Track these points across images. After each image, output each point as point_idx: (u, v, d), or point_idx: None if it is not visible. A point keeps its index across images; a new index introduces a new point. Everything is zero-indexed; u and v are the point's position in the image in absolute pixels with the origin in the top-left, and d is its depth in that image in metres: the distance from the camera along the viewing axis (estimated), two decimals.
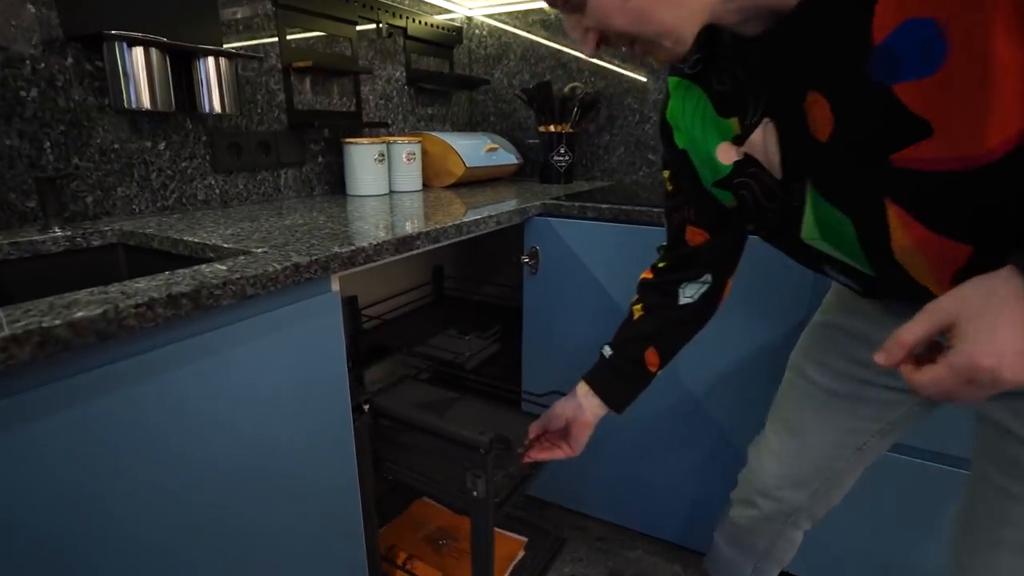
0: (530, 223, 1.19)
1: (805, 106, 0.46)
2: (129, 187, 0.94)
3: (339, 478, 0.76)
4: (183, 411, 0.54)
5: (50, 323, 0.42)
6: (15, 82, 0.78)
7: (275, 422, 0.64)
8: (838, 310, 0.72)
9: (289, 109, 1.19)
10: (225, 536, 0.61)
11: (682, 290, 0.72)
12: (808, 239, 0.55)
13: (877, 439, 0.72)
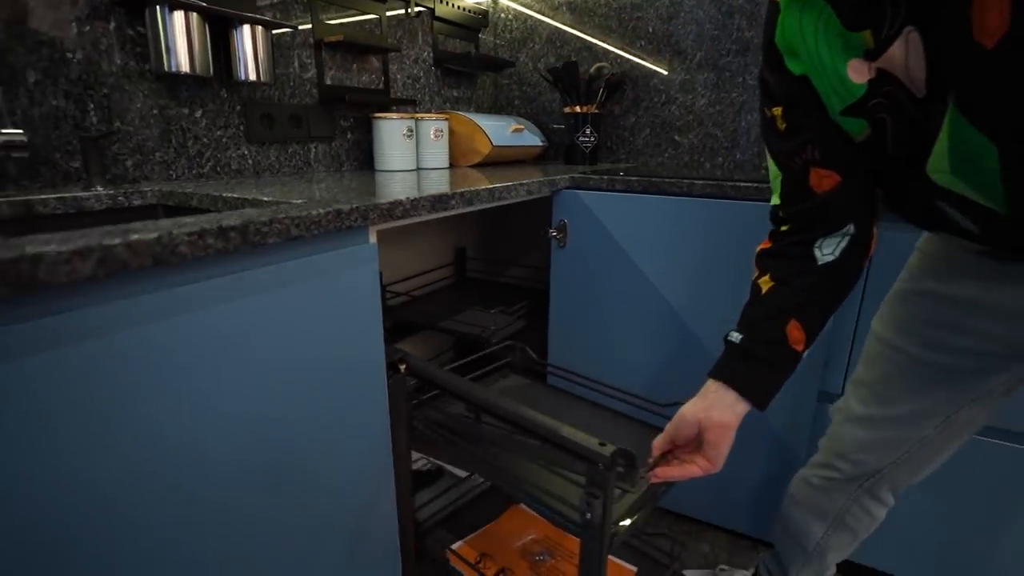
0: (559, 196, 1.19)
1: (969, 9, 0.41)
2: (167, 153, 0.96)
3: (370, 428, 0.76)
4: (225, 343, 0.55)
5: (111, 241, 0.42)
6: (58, 44, 0.80)
7: (311, 364, 0.65)
8: (929, 276, 0.67)
9: (320, 84, 1.21)
10: (253, 471, 0.62)
11: (819, 249, 0.62)
12: (934, 171, 0.50)
13: (968, 409, 0.68)
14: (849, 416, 0.78)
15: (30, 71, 0.78)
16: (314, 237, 0.62)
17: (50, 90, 0.80)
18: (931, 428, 0.70)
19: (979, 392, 0.66)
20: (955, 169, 0.48)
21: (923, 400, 0.69)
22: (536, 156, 1.71)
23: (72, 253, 0.40)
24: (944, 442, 0.72)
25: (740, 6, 1.42)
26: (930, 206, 0.55)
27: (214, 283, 0.52)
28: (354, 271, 0.68)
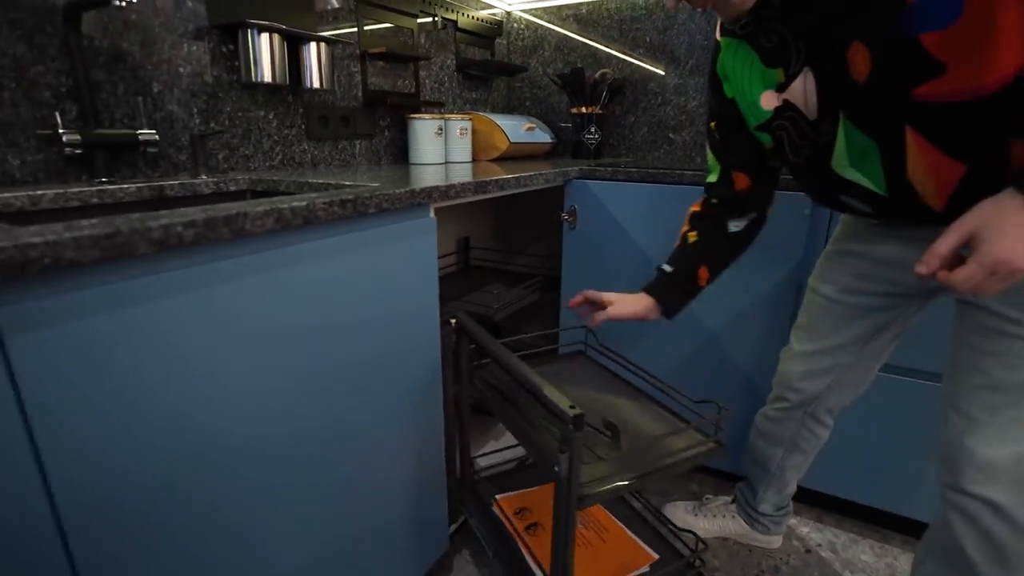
0: (570, 185, 1.39)
1: (846, 55, 0.63)
2: (248, 148, 1.16)
3: (426, 365, 0.96)
4: (342, 285, 0.75)
5: (280, 205, 0.62)
6: (173, 62, 1.00)
7: (388, 306, 0.85)
8: (846, 239, 0.90)
9: (364, 88, 1.40)
10: (354, 375, 0.82)
11: (730, 223, 0.92)
12: (837, 166, 0.72)
13: (876, 339, 0.91)
14: (791, 355, 1.00)
15: (154, 83, 0.98)
16: (396, 210, 0.82)
17: (168, 98, 1.00)
18: (851, 355, 0.93)
19: (882, 324, 0.89)
20: (853, 163, 0.71)
21: (843, 334, 0.92)
22: (546, 152, 1.91)
23: (262, 213, 0.60)
24: (862, 368, 0.95)
25: None
26: (836, 200, 0.78)
27: (334, 240, 0.72)
28: (420, 237, 0.88)
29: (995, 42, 0.55)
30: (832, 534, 1.30)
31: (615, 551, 1.01)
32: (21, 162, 0.83)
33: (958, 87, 0.59)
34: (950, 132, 0.62)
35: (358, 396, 0.81)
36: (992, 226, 0.57)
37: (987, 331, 0.73)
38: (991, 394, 0.73)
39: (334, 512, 0.81)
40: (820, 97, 0.69)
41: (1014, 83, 0.56)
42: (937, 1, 0.56)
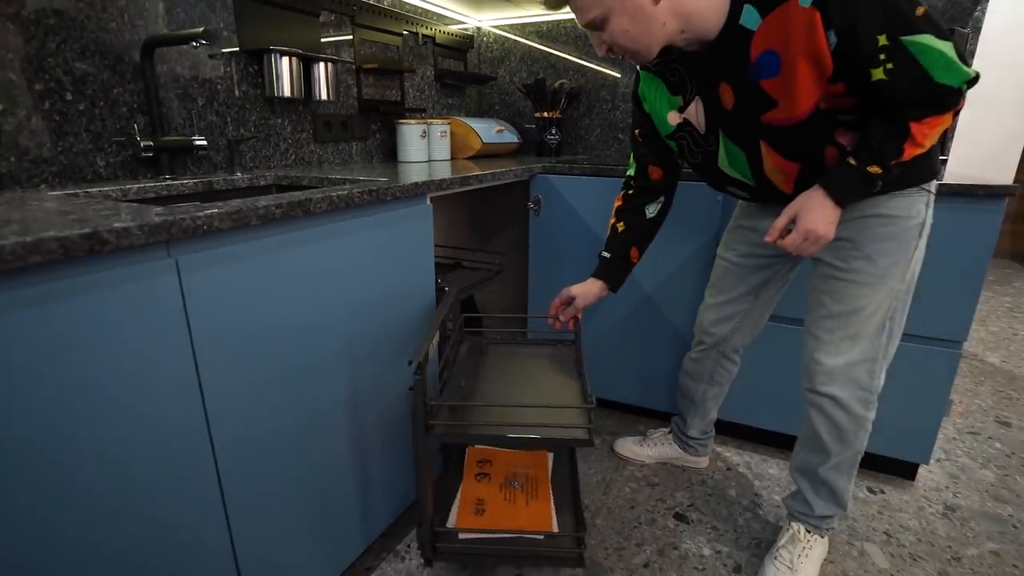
0: (534, 179, 1.67)
1: (719, 91, 0.94)
2: (268, 150, 1.40)
3: (421, 320, 1.23)
4: (359, 258, 1.01)
5: (326, 194, 0.88)
6: (213, 81, 1.23)
7: (394, 277, 1.11)
8: (741, 217, 1.23)
9: (359, 98, 1.65)
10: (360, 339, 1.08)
11: (647, 208, 1.22)
12: (721, 167, 1.04)
13: (765, 289, 1.24)
14: (705, 307, 1.33)
15: (199, 98, 1.21)
16: (404, 198, 1.08)
17: (208, 110, 1.23)
18: (748, 303, 1.25)
19: (768, 277, 1.22)
20: (730, 164, 1.02)
21: (742, 287, 1.24)
22: (514, 150, 2.19)
23: (320, 199, 0.86)
24: (757, 313, 1.28)
25: None
26: (725, 188, 1.10)
27: (361, 220, 0.98)
28: (419, 220, 1.15)
29: (799, 88, 0.85)
30: (748, 456, 1.63)
31: (529, 514, 1.14)
32: (106, 163, 1.06)
33: (785, 116, 0.89)
34: (786, 144, 0.93)
35: (382, 326, 1.08)
36: (805, 209, 0.91)
37: (825, 277, 1.06)
38: (829, 320, 1.06)
39: (355, 421, 1.07)
40: (706, 118, 1.00)
41: (813, 114, 0.87)
42: (767, 59, 0.86)
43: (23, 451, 0.57)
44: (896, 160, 0.85)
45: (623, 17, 0.85)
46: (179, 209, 0.70)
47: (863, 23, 0.77)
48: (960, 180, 1.27)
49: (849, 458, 1.12)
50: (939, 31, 0.78)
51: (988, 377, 2.20)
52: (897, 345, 1.06)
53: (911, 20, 0.77)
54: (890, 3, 0.77)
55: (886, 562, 1.24)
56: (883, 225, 0.97)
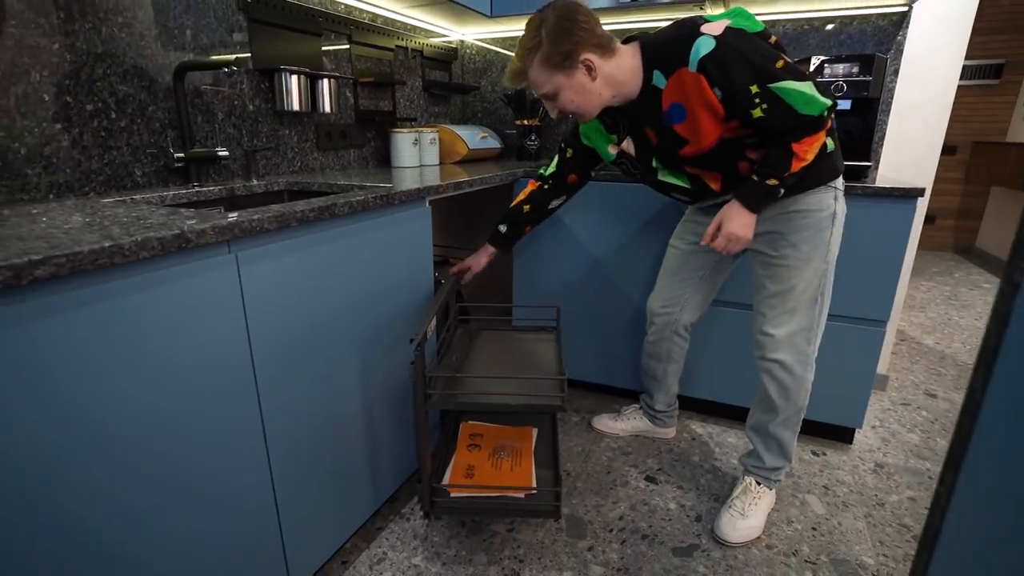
0: (517, 182, 1.85)
1: (645, 132, 1.17)
2: (277, 158, 1.54)
3: (421, 306, 1.40)
4: (374, 251, 1.17)
5: (348, 199, 1.04)
6: (233, 96, 1.38)
7: (400, 270, 1.28)
8: (690, 212, 1.45)
9: (356, 108, 1.81)
10: (366, 323, 1.24)
11: (553, 202, 1.47)
12: (661, 178, 1.25)
13: (707, 273, 1.45)
14: (655, 291, 1.54)
15: (219, 113, 1.35)
16: (407, 201, 1.25)
17: (227, 122, 1.38)
18: (694, 285, 1.47)
19: (712, 263, 1.44)
20: (667, 175, 1.23)
21: (688, 272, 1.46)
22: (497, 155, 2.37)
23: (344, 203, 1.02)
24: (702, 295, 1.49)
25: None
26: (669, 194, 1.31)
27: (371, 223, 1.15)
28: (420, 220, 1.31)
29: (702, 130, 1.10)
30: (711, 427, 1.84)
31: (513, 476, 1.31)
32: (142, 172, 1.20)
33: (697, 149, 1.13)
34: (705, 164, 1.17)
35: (389, 311, 1.24)
36: (726, 218, 1.14)
37: (763, 263, 1.27)
38: (771, 299, 1.27)
39: (367, 393, 1.23)
40: (639, 150, 1.23)
41: (719, 144, 1.12)
42: (675, 110, 1.10)
43: (121, 390, 0.72)
44: (788, 172, 1.09)
45: (570, 91, 1.13)
46: (237, 215, 0.85)
47: (737, 80, 1.03)
48: (886, 183, 1.49)
49: (794, 415, 1.33)
50: (797, 75, 1.04)
51: (923, 357, 2.46)
52: (827, 315, 1.28)
53: (773, 72, 1.03)
54: (755, 62, 1.03)
55: (823, 509, 1.45)
56: (802, 218, 1.19)
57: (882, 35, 1.81)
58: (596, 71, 1.11)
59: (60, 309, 0.63)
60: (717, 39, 1.03)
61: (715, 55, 1.03)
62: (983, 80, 4.14)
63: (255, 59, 1.42)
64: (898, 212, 1.46)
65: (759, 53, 1.03)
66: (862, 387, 1.62)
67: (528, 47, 1.11)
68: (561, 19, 1.08)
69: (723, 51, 1.03)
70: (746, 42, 1.04)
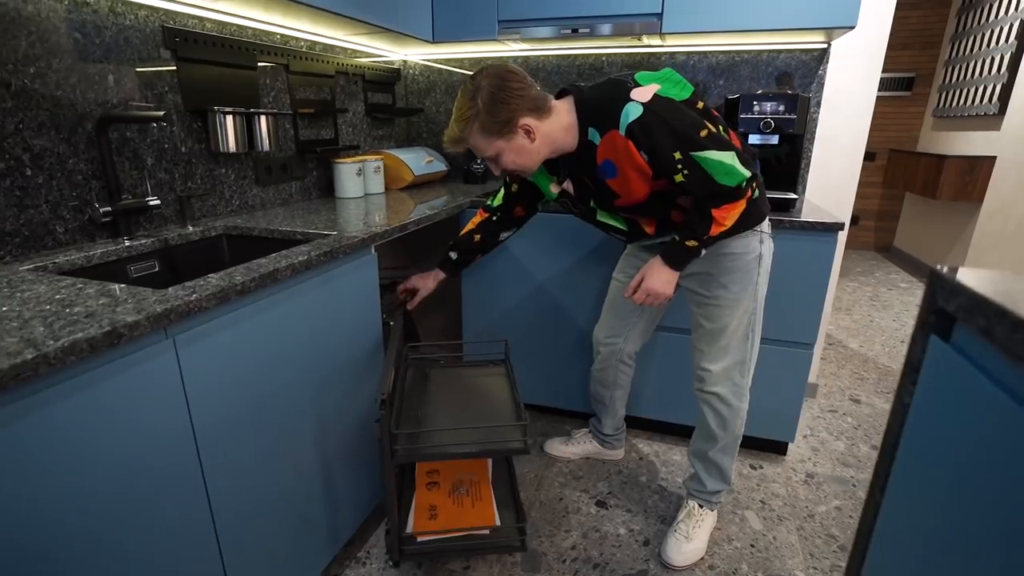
0: (463, 213, 1.85)
1: (583, 180, 1.21)
2: (214, 198, 1.49)
3: (372, 351, 1.39)
4: (324, 302, 1.15)
5: (290, 261, 1.03)
6: (163, 139, 1.32)
7: (347, 318, 1.26)
8: (631, 248, 1.50)
9: (296, 140, 1.76)
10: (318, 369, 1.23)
11: (502, 234, 1.50)
12: (600, 219, 1.29)
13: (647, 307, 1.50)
14: (600, 323, 1.60)
15: (148, 158, 1.29)
16: (353, 251, 1.23)
17: (158, 167, 1.31)
18: (636, 316, 1.53)
19: None
20: (606, 217, 1.27)
21: (630, 303, 1.51)
22: (443, 177, 2.36)
23: (285, 266, 1.00)
24: (644, 324, 1.55)
25: (583, 63, 2.17)
26: (607, 233, 1.36)
27: (314, 280, 1.13)
28: (366, 268, 1.30)
29: (632, 186, 1.16)
30: (657, 446, 1.92)
31: (475, 513, 1.33)
32: (64, 229, 1.13)
33: (629, 201, 1.19)
34: (638, 213, 1.23)
35: (338, 360, 1.23)
36: (648, 274, 1.22)
37: (697, 303, 1.34)
38: (706, 336, 1.34)
39: (320, 447, 1.22)
40: (578, 191, 1.27)
41: (650, 197, 1.17)
42: (607, 166, 1.15)
43: (56, 489, 0.69)
44: (707, 236, 1.15)
45: (511, 153, 1.17)
46: (172, 296, 0.82)
47: (661, 147, 1.09)
48: (811, 210, 1.59)
49: (731, 442, 1.41)
50: (720, 144, 1.09)
51: (848, 361, 2.65)
52: (758, 348, 1.36)
53: (696, 140, 1.09)
54: (679, 130, 1.08)
55: (760, 524, 1.55)
56: (730, 260, 1.27)
57: (806, 69, 1.92)
58: (534, 133, 1.14)
59: None
60: (644, 106, 1.08)
61: (642, 121, 1.08)
62: (896, 92, 4.45)
63: (185, 99, 1.36)
64: (822, 244, 1.56)
65: (684, 121, 1.09)
66: (793, 404, 1.73)
67: (465, 117, 1.13)
68: (495, 89, 1.10)
69: (649, 118, 1.08)
70: (671, 110, 1.09)
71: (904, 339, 2.92)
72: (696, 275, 1.32)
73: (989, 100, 3.40)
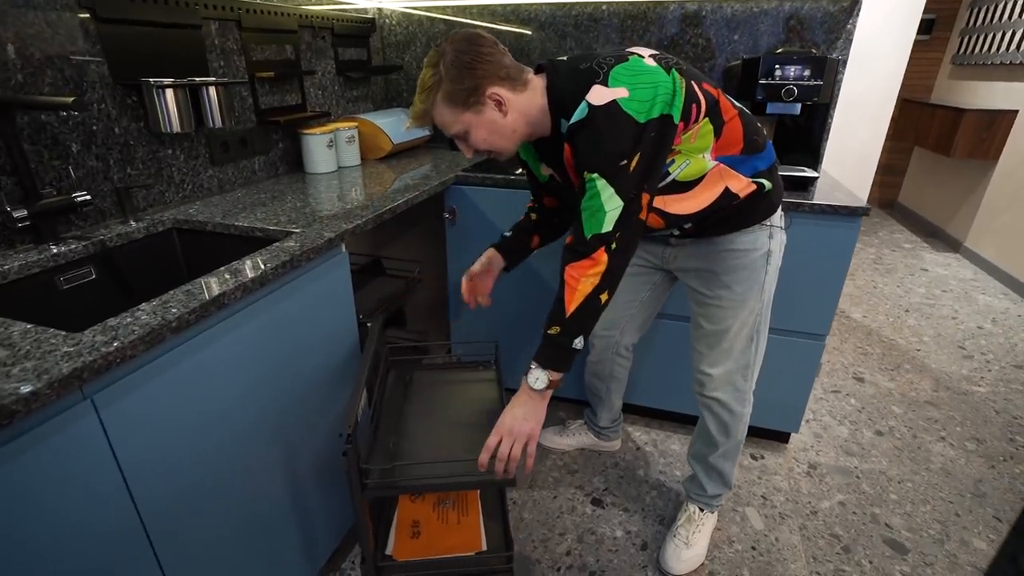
0: (448, 190, 1.67)
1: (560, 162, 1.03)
2: (162, 184, 1.30)
3: (350, 359, 1.26)
4: (301, 306, 1.01)
5: (244, 279, 0.87)
6: (90, 121, 1.12)
7: (322, 318, 1.12)
8: None
9: (257, 109, 1.55)
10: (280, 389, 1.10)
11: (554, 220, 1.27)
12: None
13: (646, 296, 1.38)
14: None
15: (72, 144, 1.10)
16: (318, 254, 1.08)
17: (87, 154, 1.12)
18: (634, 308, 1.40)
19: (651, 284, 1.36)
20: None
21: (626, 295, 1.38)
22: (426, 142, 2.15)
23: (235, 288, 0.85)
24: (641, 315, 1.42)
25: (580, 14, 1.93)
26: None
27: (279, 292, 0.98)
28: (336, 269, 1.15)
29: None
30: (655, 434, 1.84)
31: (460, 532, 1.22)
32: None
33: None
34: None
35: (309, 375, 1.10)
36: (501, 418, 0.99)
37: (698, 302, 1.21)
38: (707, 337, 1.22)
39: (294, 460, 1.11)
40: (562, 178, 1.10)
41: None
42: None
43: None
44: (564, 315, 0.94)
45: (480, 130, 0.99)
46: (86, 345, 0.68)
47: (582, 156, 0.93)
48: (830, 187, 1.44)
49: (733, 448, 1.32)
50: (623, 186, 0.89)
51: (851, 334, 2.56)
52: (764, 348, 1.24)
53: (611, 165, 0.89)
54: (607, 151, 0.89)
55: (761, 523, 1.49)
56: (735, 258, 1.12)
57: (832, 22, 1.70)
58: (506, 106, 0.96)
59: None
60: (591, 108, 0.89)
61: (582, 123, 0.90)
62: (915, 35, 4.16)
63: (113, 70, 1.15)
64: (843, 230, 1.42)
65: (617, 147, 0.89)
66: (800, 395, 1.64)
67: (428, 86, 0.95)
68: (460, 52, 0.92)
69: (588, 123, 0.90)
70: (615, 128, 0.89)
71: (908, 308, 2.83)
72: (696, 271, 1.18)
73: (1017, 47, 3.16)
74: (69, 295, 1.04)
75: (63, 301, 1.03)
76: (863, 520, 1.51)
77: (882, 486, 1.63)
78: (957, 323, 2.67)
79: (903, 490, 1.62)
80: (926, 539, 1.46)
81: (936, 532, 1.48)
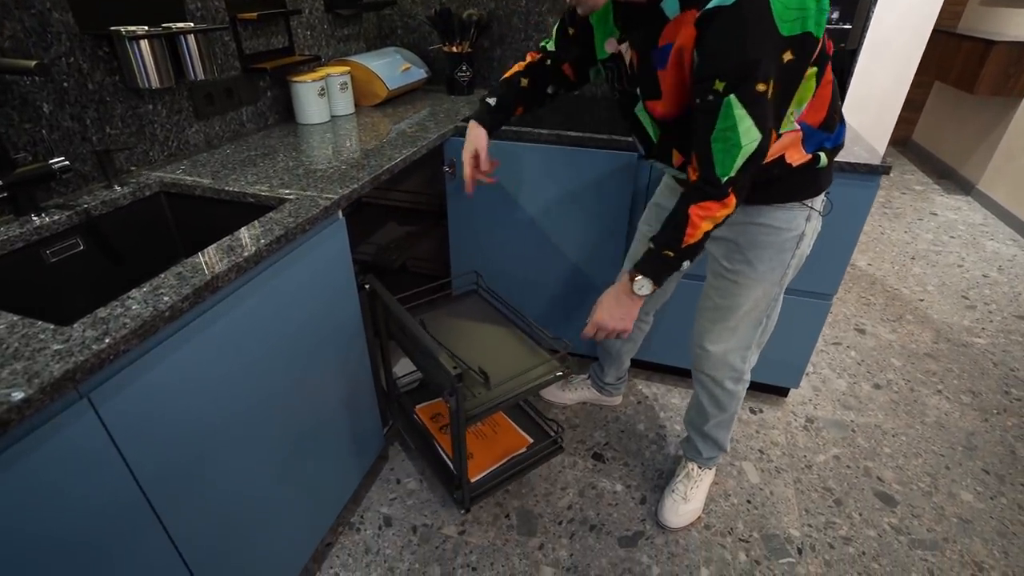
0: (447, 142, 1.59)
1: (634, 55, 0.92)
2: (144, 143, 1.23)
3: (351, 326, 1.25)
4: (302, 272, 0.98)
5: (239, 258, 0.83)
6: (60, 76, 1.04)
7: (323, 283, 1.10)
8: (658, 196, 1.29)
9: (240, 56, 1.44)
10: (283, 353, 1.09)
11: (550, 88, 1.19)
12: (637, 112, 1.01)
13: None
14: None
15: (44, 104, 1.02)
16: (315, 224, 1.03)
17: (61, 114, 1.05)
18: None
19: None
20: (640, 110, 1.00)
21: None
22: (423, 85, 2.03)
23: (228, 269, 0.81)
24: (672, 283, 1.39)
25: None
26: (632, 132, 1.08)
27: (272, 268, 0.94)
28: (334, 236, 1.10)
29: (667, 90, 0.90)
30: (656, 388, 1.86)
31: (503, 439, 1.41)
32: None
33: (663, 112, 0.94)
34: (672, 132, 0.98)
35: (311, 344, 1.09)
36: (601, 304, 1.05)
37: (714, 272, 1.17)
38: (713, 312, 1.19)
39: (300, 432, 1.12)
40: (628, 68, 0.97)
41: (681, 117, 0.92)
42: (663, 53, 0.87)
43: None
44: (681, 244, 0.92)
45: None
46: (76, 341, 0.65)
47: (714, 56, 0.79)
48: (849, 139, 1.37)
49: (727, 419, 1.34)
50: (759, 115, 0.80)
51: (856, 283, 2.54)
52: (770, 333, 1.22)
53: (748, 86, 0.78)
54: (746, 56, 0.77)
55: (757, 477, 1.54)
56: (764, 234, 1.06)
57: None
58: None
59: None
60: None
61: (730, 11, 0.75)
62: None
63: (79, 18, 1.05)
64: (860, 189, 1.36)
65: (759, 53, 0.76)
66: (803, 353, 1.64)
67: None
68: None
69: (735, 14, 0.75)
70: (764, 28, 0.75)
71: (914, 255, 2.80)
72: (721, 239, 1.11)
73: None
74: (57, 269, 1.00)
75: (52, 277, 0.99)
76: (856, 474, 1.55)
77: (876, 440, 1.67)
78: (963, 271, 2.64)
79: (896, 444, 1.66)
80: (915, 492, 1.50)
81: (925, 485, 1.53)
